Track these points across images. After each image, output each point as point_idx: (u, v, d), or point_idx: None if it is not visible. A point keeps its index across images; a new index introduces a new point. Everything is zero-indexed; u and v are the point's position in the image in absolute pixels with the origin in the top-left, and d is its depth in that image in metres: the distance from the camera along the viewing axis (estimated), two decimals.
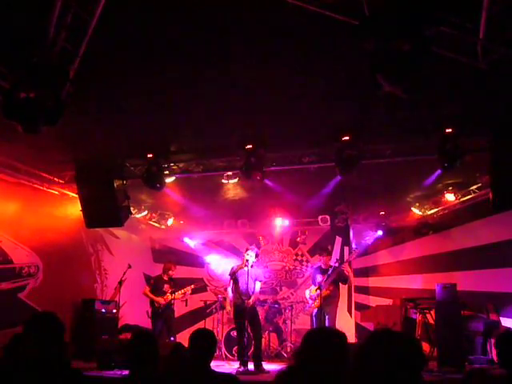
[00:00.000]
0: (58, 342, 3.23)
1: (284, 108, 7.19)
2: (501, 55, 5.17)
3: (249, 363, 9.00)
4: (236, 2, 4.96)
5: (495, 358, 4.36)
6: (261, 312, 11.15)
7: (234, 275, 9.39)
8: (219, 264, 14.09)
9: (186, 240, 14.25)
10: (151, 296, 10.69)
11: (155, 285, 10.88)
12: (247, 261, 9.18)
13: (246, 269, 9.13)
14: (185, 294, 11.10)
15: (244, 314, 9.10)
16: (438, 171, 8.76)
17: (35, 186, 9.88)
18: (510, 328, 8.86)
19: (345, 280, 10.12)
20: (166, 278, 10.92)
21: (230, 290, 9.59)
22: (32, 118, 5.31)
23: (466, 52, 5.30)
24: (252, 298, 9.16)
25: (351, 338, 10.30)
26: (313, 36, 5.51)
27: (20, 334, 3.45)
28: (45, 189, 10.13)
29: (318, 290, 9.72)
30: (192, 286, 11.31)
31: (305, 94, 6.79)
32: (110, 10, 4.92)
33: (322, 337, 2.88)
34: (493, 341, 9.21)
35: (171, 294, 10.65)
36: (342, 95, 6.73)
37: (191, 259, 14.26)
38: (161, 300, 10.59)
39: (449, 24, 4.93)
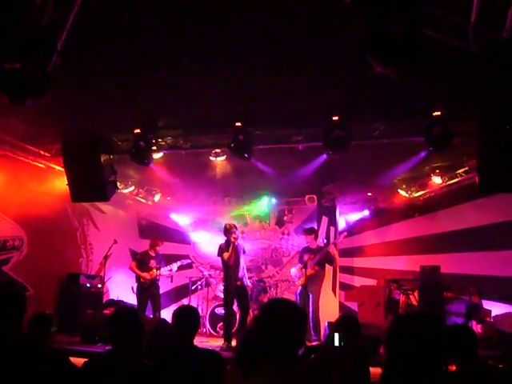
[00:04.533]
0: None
1: (274, 86, 7.14)
2: (491, 39, 5.16)
3: (233, 340, 9.08)
4: None
5: None
6: None
7: (222, 253, 9.46)
8: (206, 242, 14.14)
9: (173, 216, 14.25)
10: (137, 271, 10.71)
11: (142, 260, 10.90)
12: (234, 238, 9.24)
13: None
14: (171, 270, 11.16)
15: (233, 290, 9.20)
16: (423, 153, 8.81)
17: (20, 158, 9.76)
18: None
19: (331, 261, 10.22)
20: (152, 253, 10.94)
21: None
22: (18, 89, 5.23)
23: (456, 35, 5.28)
24: (245, 276, 9.36)
25: (335, 316, 10.37)
26: (303, 13, 5.46)
27: None
28: (30, 161, 10.01)
29: (303, 269, 9.79)
30: (178, 263, 11.35)
31: (295, 72, 6.75)
32: None
33: (282, 306, 2.95)
34: (474, 323, 9.36)
35: (157, 269, 10.68)
36: (332, 75, 6.68)
37: (177, 236, 14.26)
38: (146, 275, 10.61)
39: (440, 6, 4.90)
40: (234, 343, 8.95)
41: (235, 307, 9.91)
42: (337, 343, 5.01)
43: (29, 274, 10.00)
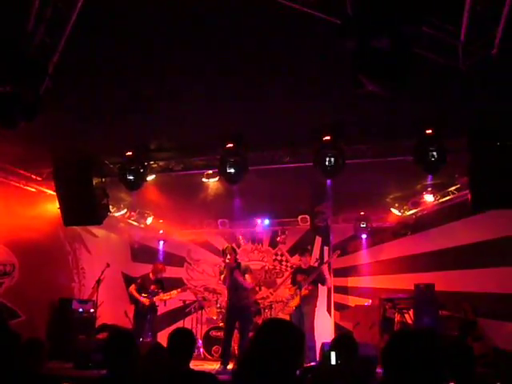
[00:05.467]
0: None
1: (266, 107, 7.17)
2: (481, 57, 5.21)
3: (229, 363, 8.95)
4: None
5: None
6: None
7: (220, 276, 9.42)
8: (200, 264, 14.12)
9: (166, 239, 14.25)
10: (136, 295, 10.65)
11: (142, 284, 10.83)
12: (229, 259, 9.16)
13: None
14: (170, 297, 11.12)
15: (233, 312, 9.10)
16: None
17: (12, 182, 9.73)
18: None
19: (324, 281, 10.16)
20: (153, 278, 10.88)
21: None
22: (9, 113, 5.22)
23: (446, 53, 5.34)
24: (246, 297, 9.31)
25: (330, 337, 10.30)
26: (295, 35, 5.50)
27: None
28: (22, 186, 9.96)
29: (297, 290, 9.73)
30: (178, 290, 11.31)
31: (287, 93, 6.78)
32: (91, 4, 4.85)
33: (279, 325, 2.91)
34: (469, 340, 9.31)
35: (153, 296, 10.62)
36: (324, 95, 6.72)
37: (170, 258, 14.17)
38: (145, 301, 10.54)
39: (430, 25, 4.95)
40: (230, 366, 8.84)
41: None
42: (333, 362, 4.96)
43: (20, 300, 9.88)
